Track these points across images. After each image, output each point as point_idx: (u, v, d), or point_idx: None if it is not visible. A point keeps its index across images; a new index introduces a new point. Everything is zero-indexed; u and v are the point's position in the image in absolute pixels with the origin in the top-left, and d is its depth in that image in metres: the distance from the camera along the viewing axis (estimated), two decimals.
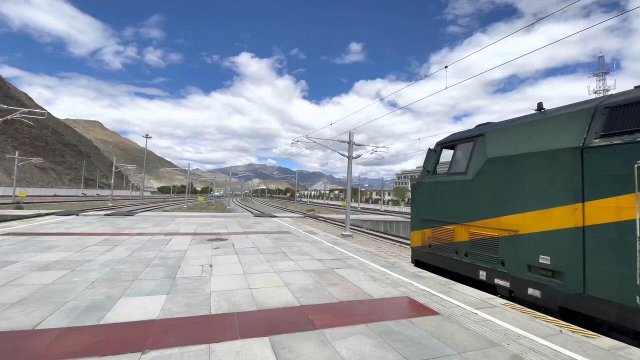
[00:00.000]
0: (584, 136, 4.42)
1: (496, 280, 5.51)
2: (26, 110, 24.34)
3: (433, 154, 7.49)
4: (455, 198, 6.52)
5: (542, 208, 4.81)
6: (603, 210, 4.07)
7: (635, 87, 4.50)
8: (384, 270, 6.61)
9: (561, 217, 4.53)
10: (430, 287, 5.45)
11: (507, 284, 5.32)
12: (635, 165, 3.74)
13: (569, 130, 4.65)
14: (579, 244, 4.28)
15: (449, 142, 7.10)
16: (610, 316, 4.00)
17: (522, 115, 5.88)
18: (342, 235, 15.41)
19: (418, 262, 7.72)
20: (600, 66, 68.81)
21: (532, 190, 4.98)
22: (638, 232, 3.66)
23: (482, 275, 5.77)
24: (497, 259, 5.47)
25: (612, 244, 3.96)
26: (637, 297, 3.69)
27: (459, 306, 4.52)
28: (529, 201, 5.00)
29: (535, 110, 5.78)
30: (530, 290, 4.93)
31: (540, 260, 4.77)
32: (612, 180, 4.01)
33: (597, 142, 4.22)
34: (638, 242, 3.67)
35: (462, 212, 6.29)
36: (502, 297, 5.32)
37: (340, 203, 72.58)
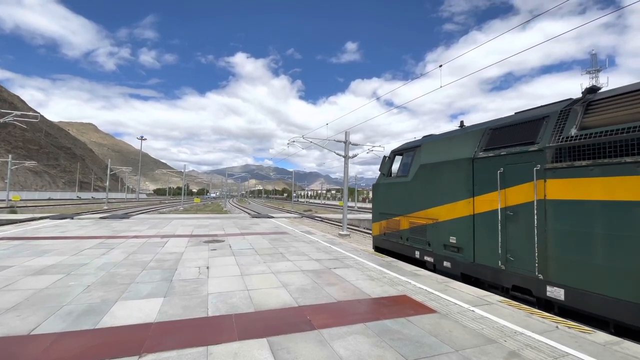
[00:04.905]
0: (475, 150, 6.03)
1: (425, 257, 7.16)
2: (19, 113, 24.09)
3: (388, 160, 9.13)
4: (400, 196, 8.22)
5: (451, 202, 6.43)
6: (483, 203, 5.72)
7: (516, 113, 5.82)
8: (382, 269, 6.63)
9: (462, 208, 6.17)
10: (427, 285, 5.48)
11: (431, 260, 6.96)
12: (498, 171, 5.36)
13: (469, 144, 6.25)
14: (471, 227, 5.94)
15: (400, 150, 8.70)
16: (487, 276, 5.61)
17: (449, 130, 7.56)
18: (339, 234, 15.42)
19: (377, 248, 9.24)
20: (593, 63, 69.37)
21: (446, 189, 6.59)
22: (499, 217, 5.33)
23: (417, 254, 7.45)
24: (426, 241, 7.16)
25: (487, 226, 5.59)
26: (499, 262, 5.34)
27: (456, 304, 4.55)
28: (444, 197, 6.62)
29: (459, 126, 7.33)
30: (445, 263, 6.55)
31: (450, 240, 6.41)
32: (487, 181, 5.61)
33: (481, 154, 5.85)
34: (499, 224, 5.33)
35: (404, 207, 7.98)
36: (429, 270, 6.80)
37: (337, 203, 72.61)
